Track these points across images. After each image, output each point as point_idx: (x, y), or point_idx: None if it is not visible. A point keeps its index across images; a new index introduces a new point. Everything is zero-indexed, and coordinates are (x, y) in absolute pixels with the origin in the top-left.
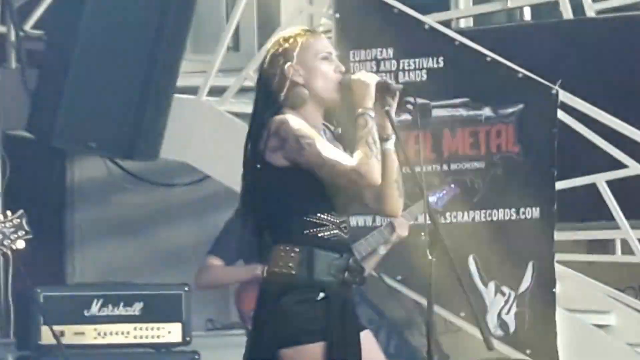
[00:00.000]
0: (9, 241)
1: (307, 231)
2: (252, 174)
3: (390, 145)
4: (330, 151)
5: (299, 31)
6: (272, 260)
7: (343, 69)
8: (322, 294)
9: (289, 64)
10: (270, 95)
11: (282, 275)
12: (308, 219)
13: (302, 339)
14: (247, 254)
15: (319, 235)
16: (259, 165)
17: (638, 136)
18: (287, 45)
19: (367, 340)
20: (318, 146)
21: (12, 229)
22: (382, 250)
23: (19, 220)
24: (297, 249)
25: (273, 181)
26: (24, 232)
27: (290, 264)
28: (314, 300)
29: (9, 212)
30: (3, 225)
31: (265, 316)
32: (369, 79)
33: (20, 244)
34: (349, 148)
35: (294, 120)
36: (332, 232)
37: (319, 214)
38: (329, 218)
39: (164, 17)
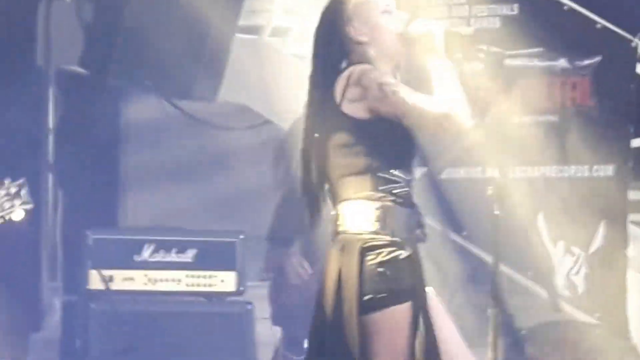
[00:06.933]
0: (3, 211)
1: (382, 187)
2: (318, 131)
3: None
4: (416, 98)
5: None
6: (343, 219)
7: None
8: (404, 252)
9: (349, 24)
10: (333, 59)
11: (360, 234)
12: (382, 175)
13: (390, 302)
14: None
15: (394, 192)
16: (333, 119)
17: None
18: (342, 5)
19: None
20: (402, 93)
21: (5, 198)
22: None
23: (16, 188)
24: (376, 206)
25: (349, 135)
26: (20, 202)
27: (370, 221)
28: (397, 260)
29: (6, 180)
30: None
31: (341, 279)
32: (435, 28)
33: (18, 215)
34: None
35: (374, 70)
36: (404, 189)
37: (392, 171)
38: (401, 175)
39: None
